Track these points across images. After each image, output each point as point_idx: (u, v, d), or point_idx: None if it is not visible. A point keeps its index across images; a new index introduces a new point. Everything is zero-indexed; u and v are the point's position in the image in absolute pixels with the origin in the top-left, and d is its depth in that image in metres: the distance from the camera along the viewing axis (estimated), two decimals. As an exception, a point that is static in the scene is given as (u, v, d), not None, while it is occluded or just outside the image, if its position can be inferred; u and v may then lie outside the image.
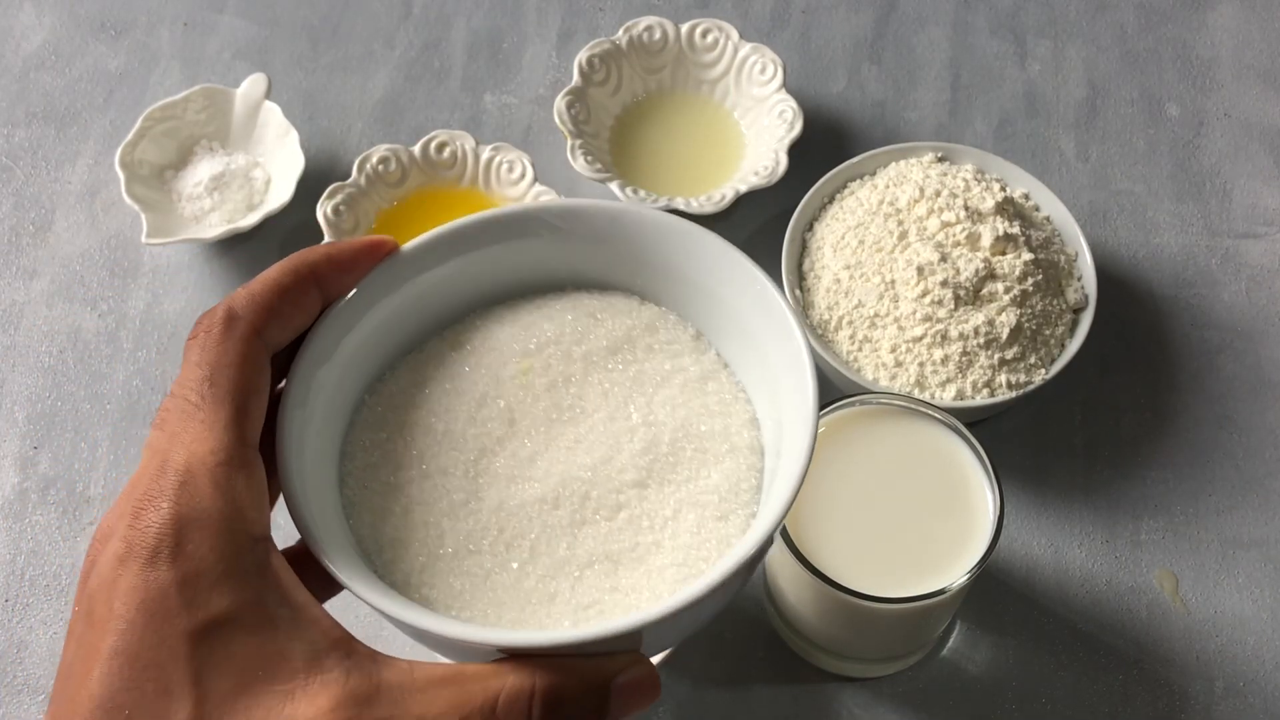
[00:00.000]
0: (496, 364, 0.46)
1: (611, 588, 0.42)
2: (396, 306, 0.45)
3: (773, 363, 0.43)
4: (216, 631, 0.34)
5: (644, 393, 0.46)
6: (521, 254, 0.46)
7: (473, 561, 0.42)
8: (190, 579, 0.34)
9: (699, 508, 0.43)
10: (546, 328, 0.47)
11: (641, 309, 0.48)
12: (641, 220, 0.45)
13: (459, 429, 0.45)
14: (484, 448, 0.45)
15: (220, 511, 0.35)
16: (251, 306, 0.39)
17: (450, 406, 0.45)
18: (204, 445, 0.36)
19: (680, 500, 0.43)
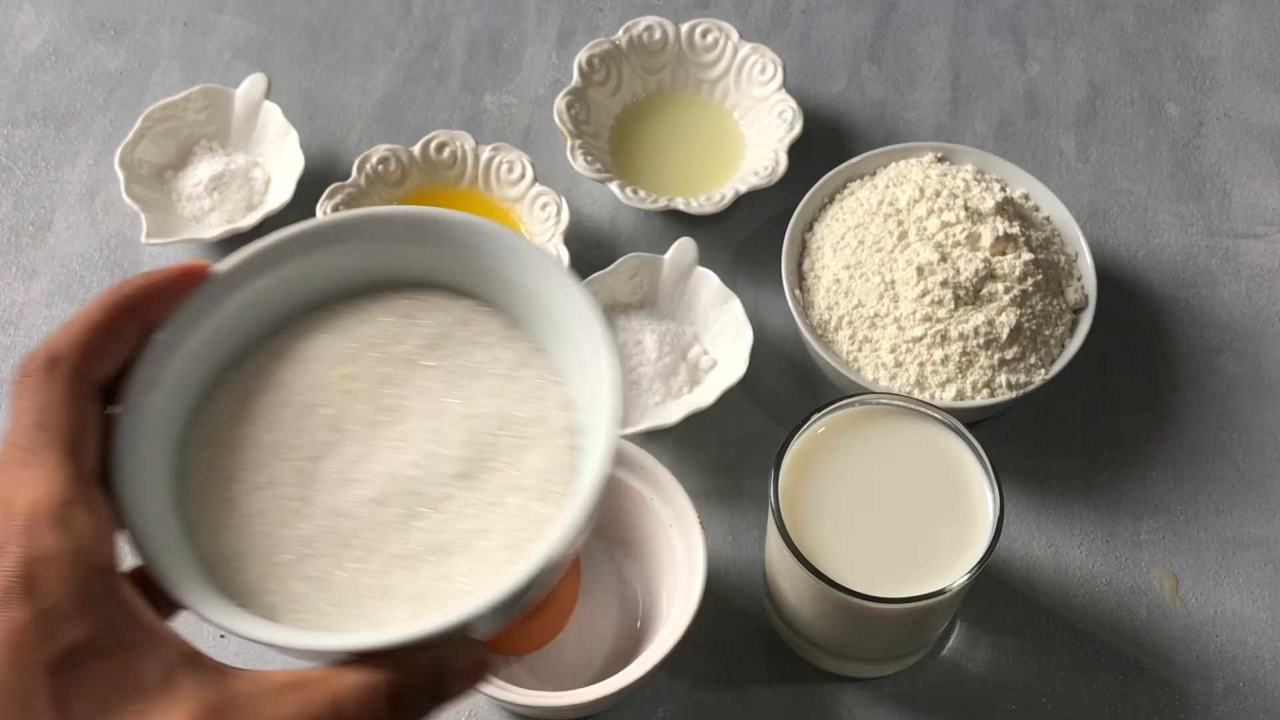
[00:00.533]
0: (318, 371, 0.47)
1: (444, 576, 0.43)
2: (216, 326, 0.46)
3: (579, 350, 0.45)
4: (73, 660, 0.36)
5: (462, 385, 0.46)
6: (335, 262, 0.47)
7: (310, 565, 0.43)
8: (44, 614, 0.36)
9: (521, 491, 0.44)
10: (364, 331, 0.47)
11: (455, 304, 0.48)
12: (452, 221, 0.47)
13: (286, 439, 0.45)
14: (312, 455, 0.45)
15: (66, 549, 0.36)
16: (72, 346, 0.40)
17: (276, 418, 0.46)
18: (42, 488, 0.37)
19: (503, 486, 0.44)
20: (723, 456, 0.73)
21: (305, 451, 0.45)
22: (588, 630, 0.67)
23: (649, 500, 0.66)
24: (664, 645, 0.61)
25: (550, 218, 0.76)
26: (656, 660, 0.61)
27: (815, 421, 0.61)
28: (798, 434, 0.61)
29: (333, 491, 0.45)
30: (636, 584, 0.68)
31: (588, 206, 0.81)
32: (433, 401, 0.46)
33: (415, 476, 0.45)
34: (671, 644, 0.61)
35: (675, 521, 0.65)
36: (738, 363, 0.72)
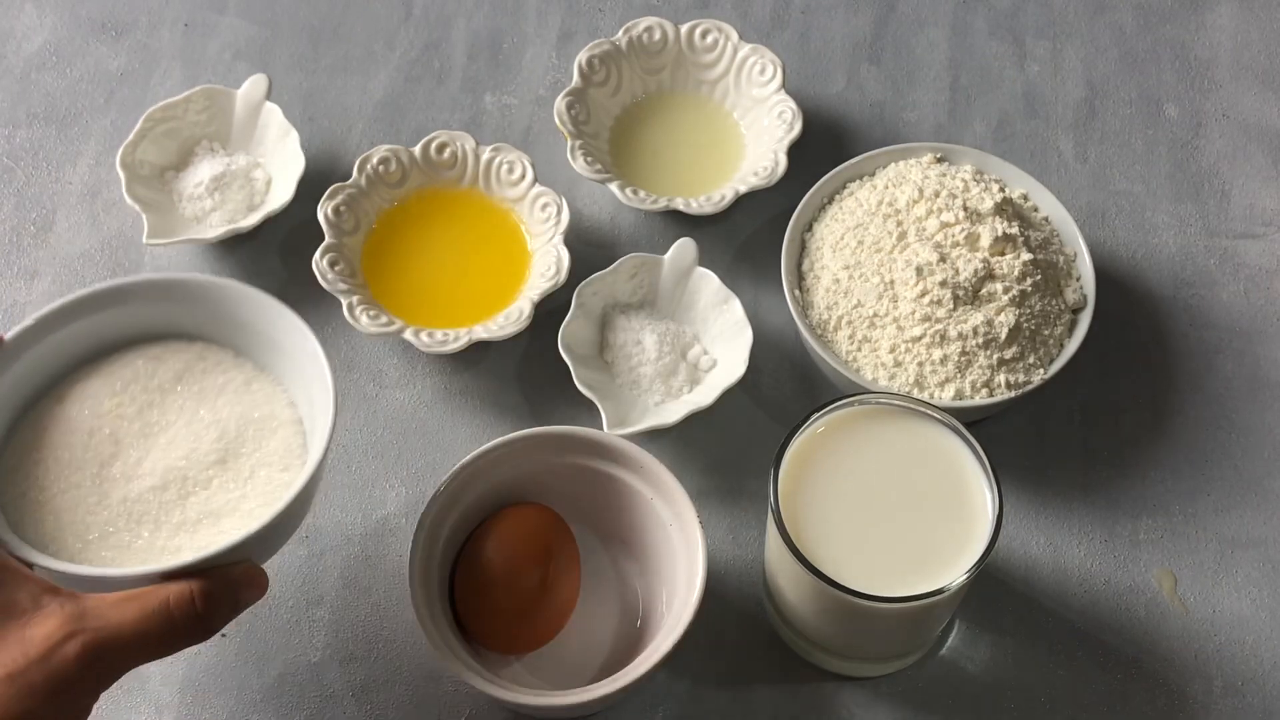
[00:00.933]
0: (94, 405, 0.62)
1: (220, 532, 0.59)
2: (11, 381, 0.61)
3: (298, 361, 0.62)
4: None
5: (208, 401, 0.63)
6: (94, 325, 0.63)
7: (115, 539, 0.59)
8: None
9: (267, 466, 0.61)
10: (126, 373, 0.64)
11: (191, 346, 0.65)
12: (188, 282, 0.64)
13: (78, 456, 0.61)
14: (101, 463, 0.61)
15: None
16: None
17: (68, 442, 0.62)
18: None
19: (254, 464, 0.61)
20: (723, 456, 0.73)
21: (95, 461, 0.61)
22: (587, 630, 0.67)
23: (649, 499, 0.66)
24: (664, 645, 0.61)
25: (550, 218, 0.76)
26: (656, 660, 0.61)
27: (815, 421, 0.61)
28: (797, 434, 0.61)
29: (123, 486, 0.60)
30: (636, 583, 0.68)
31: (588, 207, 0.81)
32: (189, 414, 0.63)
33: (184, 466, 0.61)
34: (671, 644, 0.61)
35: (675, 521, 0.65)
36: (737, 363, 0.72)
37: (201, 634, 0.54)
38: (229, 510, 0.61)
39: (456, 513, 0.65)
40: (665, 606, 0.66)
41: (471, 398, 0.75)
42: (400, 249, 0.78)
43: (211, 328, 0.65)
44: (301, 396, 0.63)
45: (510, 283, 0.77)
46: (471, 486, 0.66)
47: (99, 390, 0.63)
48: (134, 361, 0.64)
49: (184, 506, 0.61)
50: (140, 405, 0.63)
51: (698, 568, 0.63)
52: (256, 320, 0.63)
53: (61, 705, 0.50)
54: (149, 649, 0.52)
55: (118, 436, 0.62)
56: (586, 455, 0.67)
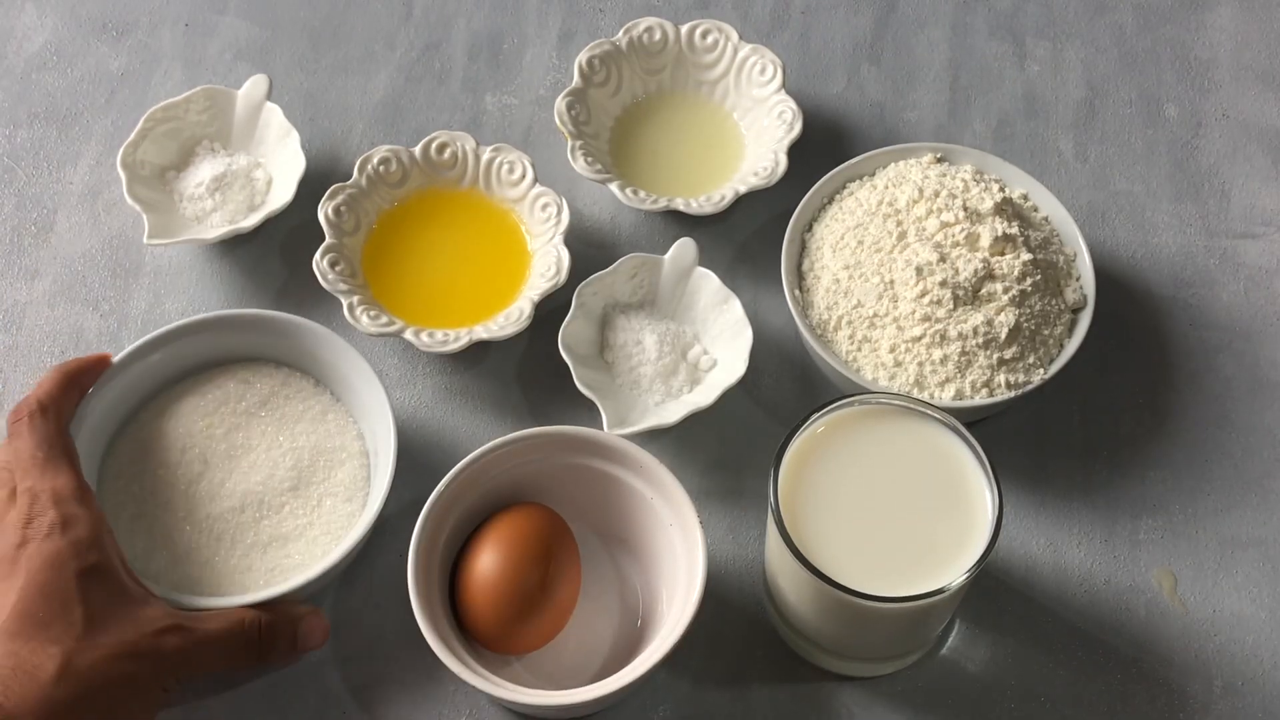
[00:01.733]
0: (188, 422, 0.70)
1: (285, 556, 0.67)
2: (118, 390, 0.69)
3: (364, 397, 0.69)
4: (90, 575, 0.59)
5: (288, 428, 0.70)
6: (190, 347, 0.71)
7: (198, 555, 0.67)
8: (73, 544, 0.59)
9: (333, 496, 0.69)
10: (218, 394, 0.71)
11: (277, 371, 0.72)
12: (278, 319, 0.71)
13: (170, 472, 0.69)
14: (190, 480, 0.69)
15: (84, 513, 0.61)
16: (51, 397, 0.65)
17: (162, 459, 0.69)
18: (62, 480, 0.62)
19: (321, 494, 0.69)
20: (723, 456, 0.73)
21: (186, 479, 0.69)
22: (587, 629, 0.67)
23: (649, 499, 0.66)
24: (664, 644, 0.61)
25: (550, 218, 0.77)
26: (656, 659, 0.61)
27: (815, 421, 0.61)
28: (797, 434, 0.61)
29: (206, 505, 0.68)
30: (636, 583, 0.68)
31: (588, 207, 0.81)
32: (269, 439, 0.70)
33: (261, 491, 0.68)
34: (671, 643, 0.61)
35: (675, 520, 0.65)
36: (737, 362, 0.72)
37: (258, 659, 0.63)
38: (296, 535, 0.68)
39: (456, 512, 0.66)
40: (665, 606, 0.66)
41: (471, 398, 0.75)
42: (401, 249, 0.78)
43: (295, 356, 0.72)
44: (368, 430, 0.70)
45: (510, 283, 0.77)
46: (472, 486, 0.66)
47: (193, 409, 0.71)
48: (226, 384, 0.71)
49: (257, 529, 0.68)
50: (229, 427, 0.70)
51: (698, 568, 0.63)
52: (331, 357, 0.71)
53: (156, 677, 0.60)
54: (224, 658, 0.62)
55: (206, 456, 0.69)
56: (587, 455, 0.67)
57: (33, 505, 0.60)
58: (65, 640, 0.57)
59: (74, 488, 0.61)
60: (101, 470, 0.69)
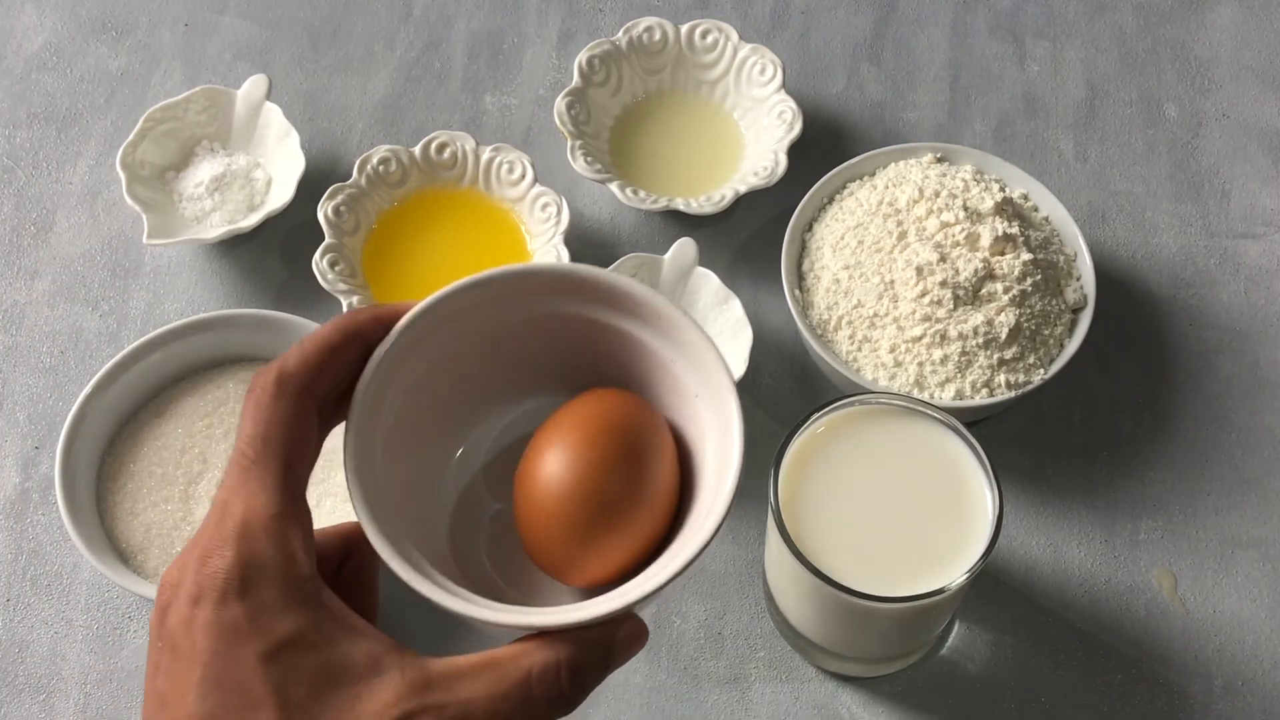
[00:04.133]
0: (188, 424, 0.70)
1: None
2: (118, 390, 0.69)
3: None
4: (285, 651, 0.40)
5: None
6: (194, 346, 0.71)
7: None
8: (256, 611, 0.40)
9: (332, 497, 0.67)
10: (218, 394, 0.71)
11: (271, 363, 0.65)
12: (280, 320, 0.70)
13: (170, 472, 0.68)
14: (189, 480, 0.68)
15: (275, 557, 0.41)
16: (301, 364, 0.44)
17: (161, 459, 0.69)
18: (258, 500, 0.42)
19: (320, 495, 0.67)
20: (723, 456, 0.73)
21: (185, 478, 0.68)
22: None
23: (668, 362, 0.48)
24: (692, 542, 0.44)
25: (550, 218, 0.76)
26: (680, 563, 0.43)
27: (815, 421, 0.61)
28: (797, 434, 0.61)
29: (205, 504, 0.66)
30: None
31: (588, 207, 0.81)
32: None
33: None
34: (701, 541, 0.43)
35: (703, 388, 0.47)
36: (737, 362, 0.72)
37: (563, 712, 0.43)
38: None
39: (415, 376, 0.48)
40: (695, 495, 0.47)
41: (471, 398, 0.75)
42: (400, 249, 0.78)
43: None
44: None
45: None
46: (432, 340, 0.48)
47: (192, 409, 0.70)
48: (225, 384, 0.71)
49: None
50: (228, 427, 0.70)
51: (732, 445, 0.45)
52: None
53: None
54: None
55: (205, 456, 0.69)
56: (586, 302, 0.48)
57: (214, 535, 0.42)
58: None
59: (272, 514, 0.42)
60: (101, 470, 0.69)
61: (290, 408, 0.43)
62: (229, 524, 0.41)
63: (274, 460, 0.42)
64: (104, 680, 0.68)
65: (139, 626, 0.69)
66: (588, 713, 0.67)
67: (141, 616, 0.69)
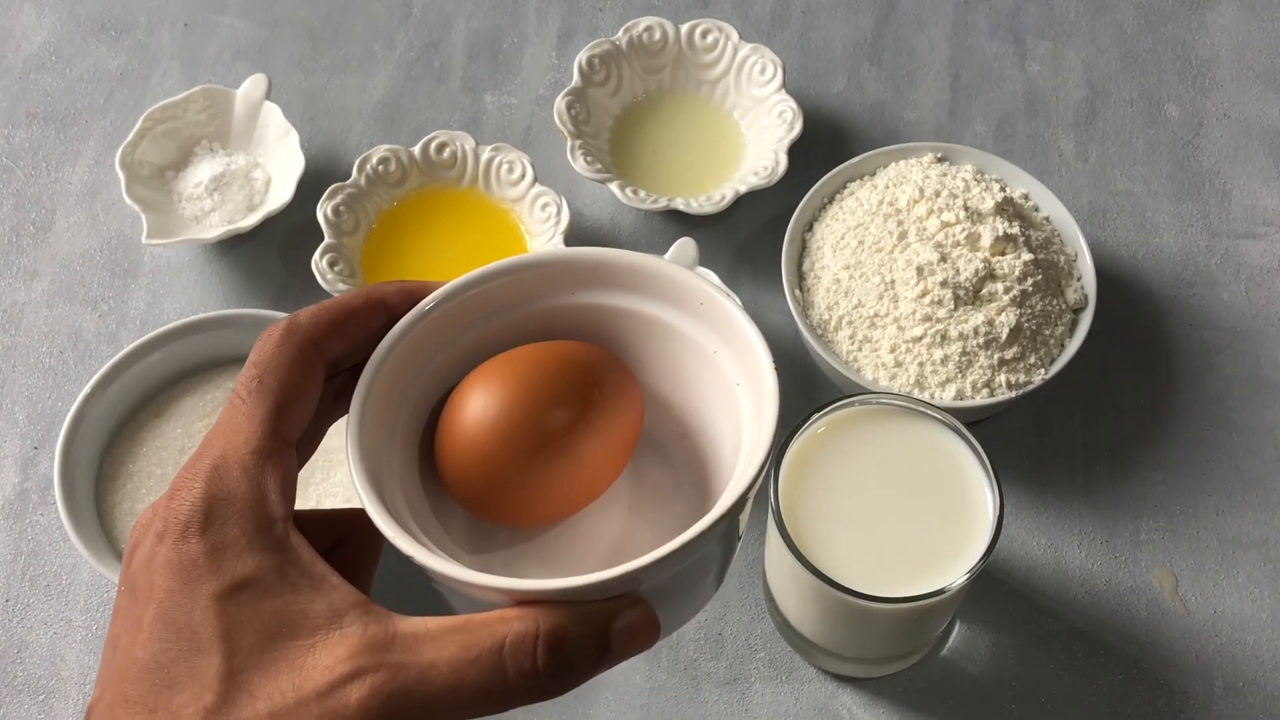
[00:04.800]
0: (187, 423, 0.70)
1: None
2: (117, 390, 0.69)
3: None
4: (241, 593, 0.37)
5: None
6: (193, 346, 0.71)
7: None
8: (216, 549, 0.38)
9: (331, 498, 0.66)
10: (217, 394, 0.71)
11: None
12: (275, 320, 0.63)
13: (169, 473, 0.68)
14: None
15: (245, 493, 0.39)
16: (311, 319, 0.42)
17: (160, 459, 0.69)
18: (240, 435, 0.40)
19: (319, 495, 0.67)
20: (723, 456, 0.73)
21: None
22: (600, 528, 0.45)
23: (711, 354, 0.46)
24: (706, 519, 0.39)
25: (550, 218, 0.76)
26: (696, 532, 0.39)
27: (815, 421, 0.61)
28: (798, 434, 0.61)
29: None
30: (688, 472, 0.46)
31: (588, 207, 0.81)
32: None
33: None
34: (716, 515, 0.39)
35: (745, 378, 0.45)
36: (738, 363, 0.72)
37: (540, 693, 0.38)
38: None
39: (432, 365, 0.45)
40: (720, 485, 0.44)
41: (471, 398, 0.75)
42: (400, 249, 0.78)
43: None
44: None
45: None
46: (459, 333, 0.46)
47: (192, 409, 0.70)
48: (225, 384, 0.71)
49: None
50: None
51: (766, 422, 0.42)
52: None
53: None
54: (462, 706, 0.37)
55: None
56: (623, 292, 0.46)
57: (188, 469, 0.39)
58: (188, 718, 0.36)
59: (252, 450, 0.39)
60: (100, 470, 0.69)
61: (293, 353, 0.41)
62: (204, 460, 0.39)
63: (267, 399, 0.40)
64: (103, 681, 0.68)
65: (138, 627, 0.69)
66: (588, 713, 0.66)
67: (140, 617, 0.69)
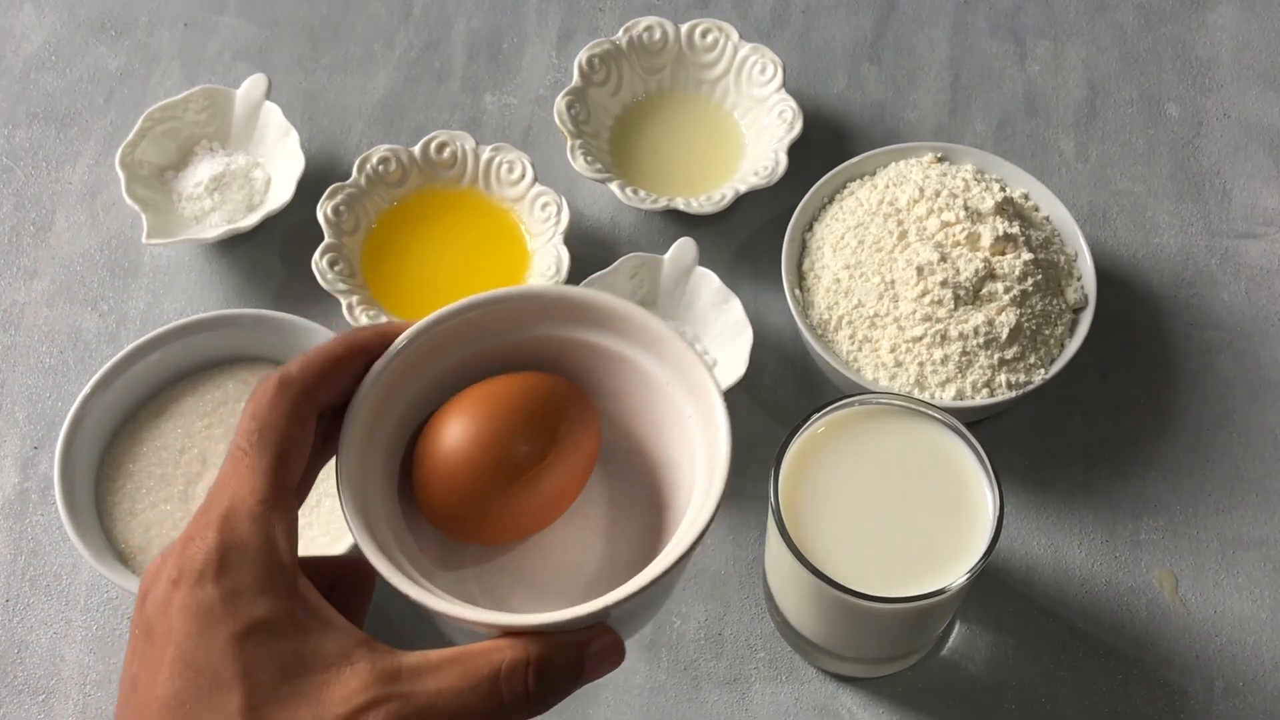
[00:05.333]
0: (187, 422, 0.70)
1: None
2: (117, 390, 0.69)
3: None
4: (257, 634, 0.41)
5: None
6: (193, 346, 0.71)
7: None
8: (232, 594, 0.41)
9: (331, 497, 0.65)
10: (217, 394, 0.71)
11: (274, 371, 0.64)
12: (279, 319, 0.70)
13: (169, 472, 0.68)
14: (188, 480, 0.68)
15: (255, 542, 0.42)
16: (303, 371, 0.45)
17: (160, 459, 0.69)
18: (245, 487, 0.43)
19: (320, 494, 0.66)
20: (723, 456, 0.73)
21: (184, 479, 0.68)
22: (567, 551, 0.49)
23: (663, 385, 0.49)
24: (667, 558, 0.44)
25: (550, 218, 0.76)
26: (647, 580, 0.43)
27: (815, 421, 0.61)
28: (798, 434, 0.61)
29: None
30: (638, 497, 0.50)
31: (588, 207, 0.81)
32: None
33: None
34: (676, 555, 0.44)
35: (696, 410, 0.48)
36: (738, 363, 0.72)
37: (529, 713, 0.43)
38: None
39: (408, 396, 0.48)
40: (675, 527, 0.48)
41: (471, 398, 0.75)
42: (400, 249, 0.78)
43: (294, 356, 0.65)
44: None
45: (510, 282, 0.77)
46: (430, 364, 0.48)
47: (192, 409, 0.70)
48: (225, 384, 0.71)
49: None
50: (228, 427, 0.69)
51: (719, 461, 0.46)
52: None
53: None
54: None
55: (205, 456, 0.69)
56: (583, 326, 0.50)
57: (199, 520, 0.43)
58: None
59: (258, 501, 0.43)
60: (100, 470, 0.69)
61: (288, 405, 0.44)
62: (214, 510, 0.42)
63: (267, 451, 0.43)
64: (103, 681, 0.68)
65: (138, 627, 0.69)
66: (588, 713, 0.66)
67: (140, 617, 0.69)
